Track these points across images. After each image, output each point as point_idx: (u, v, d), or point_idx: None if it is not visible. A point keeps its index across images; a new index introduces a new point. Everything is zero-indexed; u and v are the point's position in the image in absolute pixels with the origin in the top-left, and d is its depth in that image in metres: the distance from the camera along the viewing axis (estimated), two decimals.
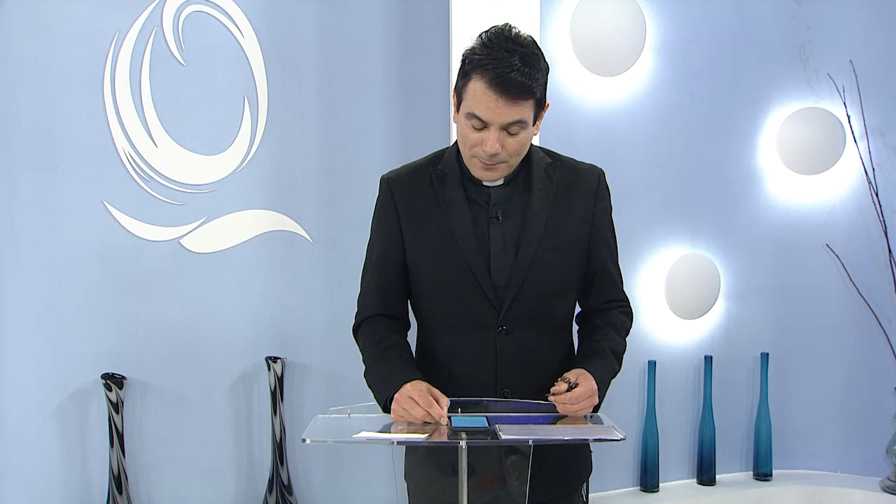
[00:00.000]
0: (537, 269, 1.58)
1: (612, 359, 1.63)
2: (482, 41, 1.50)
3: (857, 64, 2.84)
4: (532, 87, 1.46)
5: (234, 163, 2.41)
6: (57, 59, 2.22)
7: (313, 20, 2.45)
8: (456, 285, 1.59)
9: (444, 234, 1.59)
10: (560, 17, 2.64)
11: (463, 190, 1.60)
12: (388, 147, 2.53)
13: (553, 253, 1.59)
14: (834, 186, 2.90)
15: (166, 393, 2.37)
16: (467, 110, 1.49)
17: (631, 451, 2.84)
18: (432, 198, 1.61)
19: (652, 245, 2.83)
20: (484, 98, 1.45)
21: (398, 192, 1.64)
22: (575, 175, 1.65)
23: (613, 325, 1.68)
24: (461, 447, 1.38)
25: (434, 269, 1.61)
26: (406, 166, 1.69)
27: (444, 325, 1.64)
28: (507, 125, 1.47)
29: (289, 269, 2.48)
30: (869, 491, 2.80)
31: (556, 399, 1.50)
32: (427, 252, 1.61)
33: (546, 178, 1.61)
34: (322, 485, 2.55)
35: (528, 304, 1.59)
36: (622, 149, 2.75)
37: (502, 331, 1.59)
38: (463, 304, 1.59)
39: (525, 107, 1.47)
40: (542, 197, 1.60)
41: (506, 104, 1.45)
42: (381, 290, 1.67)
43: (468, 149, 1.53)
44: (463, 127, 1.52)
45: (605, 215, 1.68)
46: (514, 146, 1.51)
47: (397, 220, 1.63)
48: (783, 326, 2.94)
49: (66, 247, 2.26)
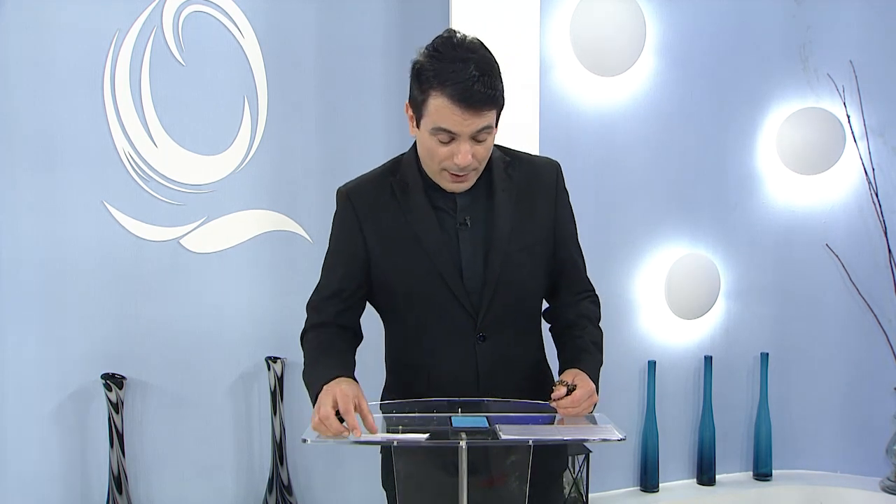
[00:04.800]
0: (508, 272, 1.57)
1: (596, 351, 1.63)
2: (430, 53, 1.48)
3: (857, 64, 2.84)
4: (495, 95, 1.45)
5: (234, 163, 2.41)
6: (57, 59, 2.22)
7: (313, 20, 2.45)
8: (430, 296, 1.56)
9: (412, 245, 1.56)
10: (560, 17, 2.64)
11: (427, 198, 1.57)
12: (388, 147, 2.53)
13: (522, 253, 1.59)
14: (834, 186, 2.90)
15: (166, 393, 2.37)
16: (432, 126, 1.46)
17: (631, 451, 2.84)
18: (396, 209, 1.57)
19: (652, 245, 2.83)
20: (449, 113, 1.43)
21: (360, 205, 1.60)
22: (533, 171, 1.65)
23: (587, 318, 1.67)
24: (461, 447, 1.38)
25: (406, 282, 1.58)
26: (362, 177, 1.65)
27: (419, 334, 1.61)
28: (476, 133, 1.46)
29: (289, 269, 2.48)
30: (869, 491, 2.80)
31: (557, 404, 1.50)
32: (397, 265, 1.58)
33: (507, 178, 1.60)
34: (322, 485, 2.55)
35: (504, 307, 1.58)
36: (622, 149, 2.74)
37: (481, 337, 1.58)
38: (439, 313, 1.57)
39: (491, 114, 1.47)
40: (505, 199, 1.59)
41: (472, 116, 1.43)
42: (338, 301, 1.63)
43: (437, 163, 1.50)
44: (427, 142, 1.49)
45: (565, 208, 1.68)
46: (482, 153, 1.50)
47: (360, 233, 1.59)
48: (783, 326, 2.94)
49: (66, 247, 2.26)
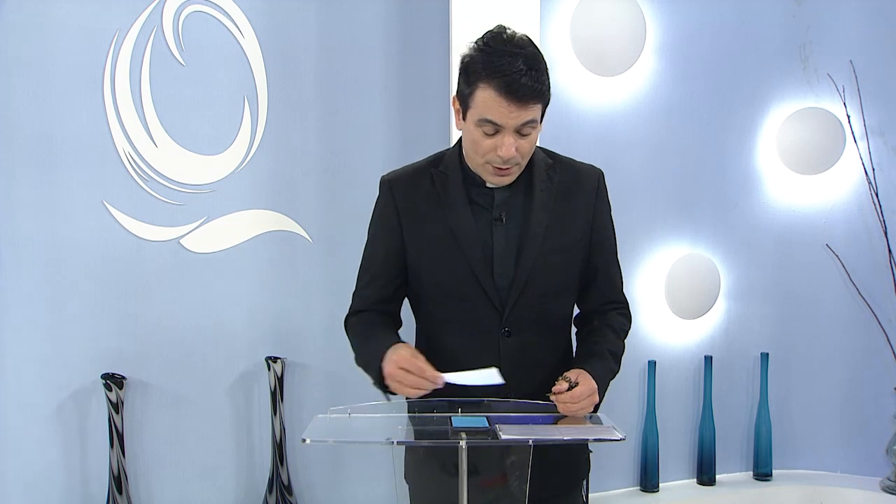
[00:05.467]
0: (539, 271, 1.58)
1: (611, 359, 1.63)
2: (479, 47, 1.50)
3: (857, 64, 2.84)
4: (542, 90, 1.48)
5: (234, 163, 2.41)
6: (57, 59, 2.22)
7: (313, 20, 2.45)
8: (459, 288, 1.59)
9: (446, 236, 1.59)
10: (560, 17, 2.64)
11: (465, 192, 1.60)
12: (388, 147, 2.53)
13: (554, 254, 1.60)
14: (834, 186, 2.90)
15: (166, 393, 2.37)
16: (478, 117, 1.49)
17: (631, 451, 2.84)
18: (434, 200, 1.61)
19: (652, 245, 2.83)
20: (496, 105, 1.46)
21: (399, 194, 1.63)
22: (575, 175, 1.66)
23: (611, 327, 1.68)
24: (461, 447, 1.38)
25: (437, 272, 1.61)
26: (406, 167, 1.69)
27: (446, 326, 1.64)
28: (521, 126, 1.48)
29: (289, 269, 2.48)
30: (869, 491, 2.80)
31: (557, 398, 1.50)
32: (430, 254, 1.61)
33: (547, 179, 1.62)
34: (322, 485, 2.55)
35: (531, 305, 1.59)
36: (622, 149, 2.75)
37: (505, 333, 1.59)
38: (466, 306, 1.60)
39: (536, 108, 1.49)
40: (543, 198, 1.60)
41: (518, 109, 1.46)
42: (378, 288, 1.68)
43: (481, 156, 1.52)
44: (473, 134, 1.52)
45: (604, 216, 1.69)
46: (526, 147, 1.52)
47: (398, 222, 1.63)
48: (783, 326, 2.94)
49: (66, 247, 2.26)
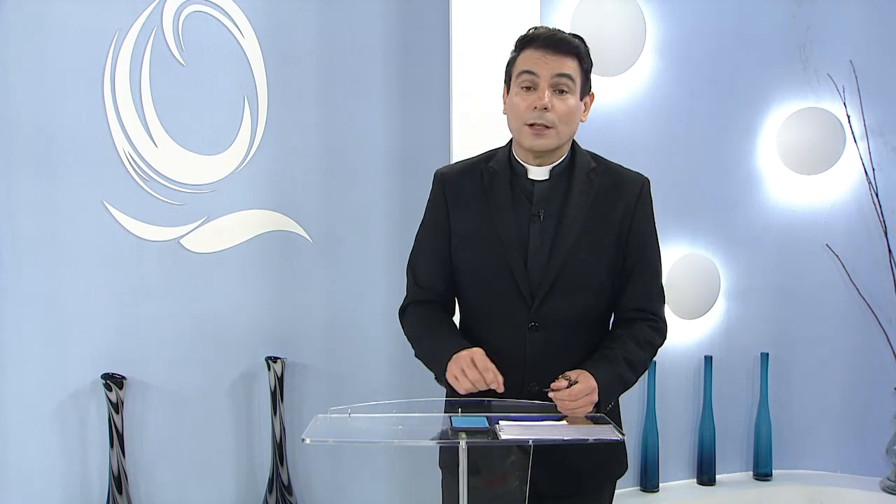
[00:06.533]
0: (570, 267, 1.61)
1: (625, 367, 1.61)
2: None
3: (857, 64, 2.84)
4: (577, 45, 1.60)
5: (234, 163, 2.41)
6: (57, 59, 2.22)
7: (313, 20, 2.45)
8: (492, 279, 1.64)
9: (487, 229, 1.64)
10: (560, 17, 2.64)
11: (510, 188, 1.65)
12: (388, 147, 2.53)
13: (587, 254, 1.62)
14: (834, 186, 2.90)
15: (166, 393, 2.37)
16: (518, 72, 1.60)
17: (631, 451, 2.83)
18: (480, 194, 1.67)
19: None
20: (532, 56, 1.58)
21: (450, 187, 1.71)
22: (618, 181, 1.69)
23: (634, 338, 1.66)
24: (461, 447, 1.38)
25: (474, 263, 1.66)
26: (461, 162, 1.77)
27: (480, 317, 1.69)
28: (555, 78, 1.57)
29: (289, 269, 2.48)
30: (869, 491, 2.80)
31: (554, 396, 1.51)
32: (469, 246, 1.67)
33: (587, 180, 1.66)
34: (322, 485, 2.55)
35: (559, 302, 1.62)
36: (622, 149, 2.72)
37: (533, 326, 1.62)
38: (498, 298, 1.64)
39: (571, 63, 1.58)
40: (580, 199, 1.63)
41: (553, 57, 1.57)
42: (429, 278, 1.73)
43: (520, 118, 1.60)
44: (514, 99, 1.61)
45: (644, 222, 1.70)
46: (562, 109, 1.59)
47: (446, 215, 1.70)
48: (783, 326, 2.94)
49: (66, 247, 2.26)
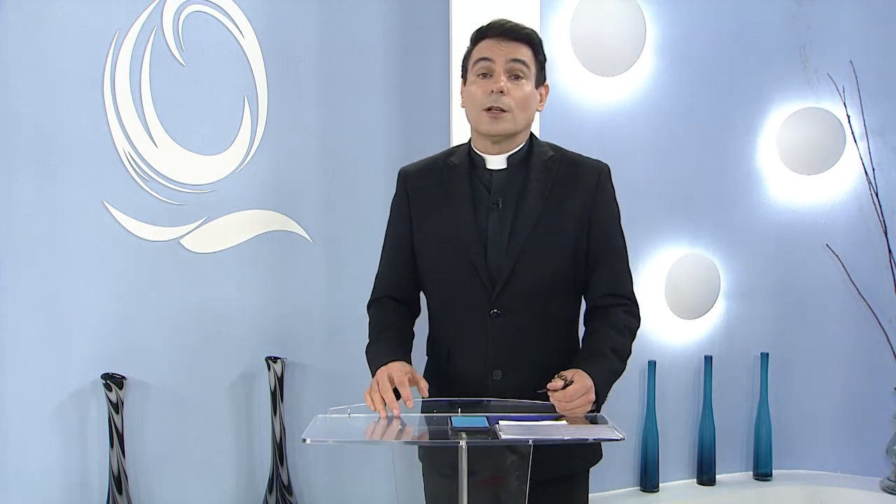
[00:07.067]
0: (528, 254, 1.63)
1: (613, 357, 1.63)
2: None
3: (857, 64, 2.84)
4: (530, 33, 1.65)
5: (234, 163, 2.41)
6: (57, 59, 2.22)
7: (313, 20, 2.45)
8: (454, 268, 1.67)
9: (447, 220, 1.68)
10: (560, 17, 2.64)
11: (469, 179, 1.69)
12: (388, 147, 2.53)
13: (545, 241, 1.64)
14: (834, 186, 2.90)
15: (166, 393, 2.37)
16: (474, 60, 1.65)
17: (631, 451, 2.84)
18: (440, 188, 1.71)
19: (652, 245, 2.83)
20: (488, 44, 1.64)
21: (411, 184, 1.76)
22: (576, 171, 1.70)
23: (615, 326, 1.68)
24: (461, 447, 1.38)
25: (435, 254, 1.70)
26: (424, 160, 1.81)
27: (444, 309, 1.73)
28: (510, 63, 1.61)
29: (289, 269, 2.48)
30: (869, 491, 2.80)
31: (552, 397, 1.51)
32: (430, 238, 1.71)
33: (544, 170, 1.68)
34: (322, 485, 2.55)
35: (519, 288, 1.64)
36: (622, 149, 2.74)
37: (495, 313, 1.64)
38: (460, 287, 1.67)
39: (525, 50, 1.63)
40: (537, 188, 1.66)
41: (507, 44, 1.62)
42: (392, 274, 1.80)
43: (478, 104, 1.63)
44: (471, 87, 1.65)
45: (605, 209, 1.70)
46: (518, 94, 1.62)
47: (408, 211, 1.75)
48: (783, 326, 2.94)
49: (66, 247, 2.26)
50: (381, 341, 1.70)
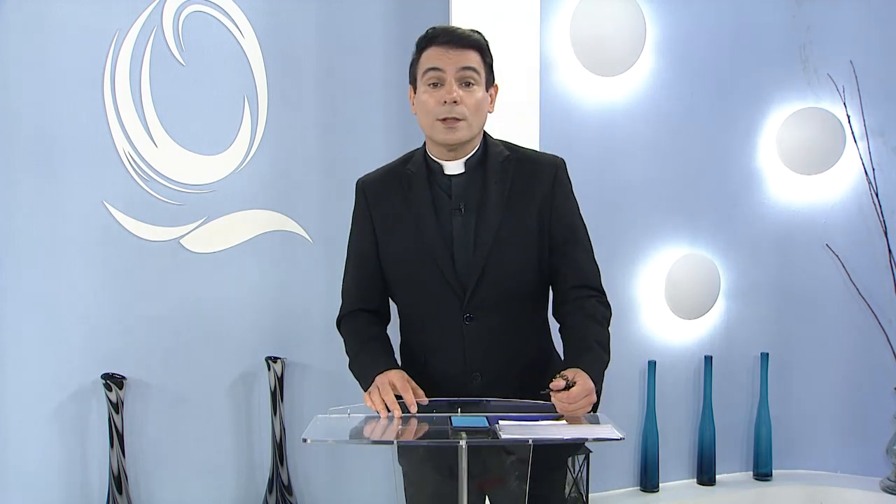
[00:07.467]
0: (496, 256, 1.63)
1: (600, 349, 1.64)
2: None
3: (857, 64, 2.84)
4: (477, 39, 1.63)
5: (234, 163, 2.41)
6: (57, 59, 2.22)
7: (313, 20, 2.45)
8: (423, 277, 1.66)
9: (411, 228, 1.67)
10: (560, 17, 2.64)
11: (429, 185, 1.68)
12: (388, 147, 2.53)
13: (510, 242, 1.64)
14: (834, 186, 2.90)
15: (166, 393, 2.37)
16: (423, 70, 1.63)
17: (631, 451, 2.84)
18: (400, 195, 1.69)
19: (652, 245, 2.83)
20: (436, 53, 1.61)
21: (371, 195, 1.74)
22: (533, 168, 1.70)
23: (593, 317, 1.68)
24: (461, 447, 1.38)
25: (403, 264, 1.69)
26: (380, 169, 1.78)
27: (417, 317, 1.72)
28: (461, 71, 1.60)
29: (289, 269, 2.48)
30: (869, 491, 2.80)
31: (554, 396, 1.50)
32: (396, 248, 1.69)
33: (502, 170, 1.68)
34: (322, 485, 2.55)
35: (490, 291, 1.64)
36: (622, 149, 2.74)
37: (468, 318, 1.64)
38: (431, 295, 1.66)
39: (474, 56, 1.62)
40: (496, 190, 1.66)
41: (456, 52, 1.60)
42: (360, 287, 1.76)
43: (431, 115, 1.61)
44: (422, 96, 1.63)
45: (565, 202, 1.71)
46: (470, 101, 1.61)
47: (370, 222, 1.72)
48: (783, 326, 2.94)
49: (66, 247, 2.26)
50: (368, 352, 1.69)
